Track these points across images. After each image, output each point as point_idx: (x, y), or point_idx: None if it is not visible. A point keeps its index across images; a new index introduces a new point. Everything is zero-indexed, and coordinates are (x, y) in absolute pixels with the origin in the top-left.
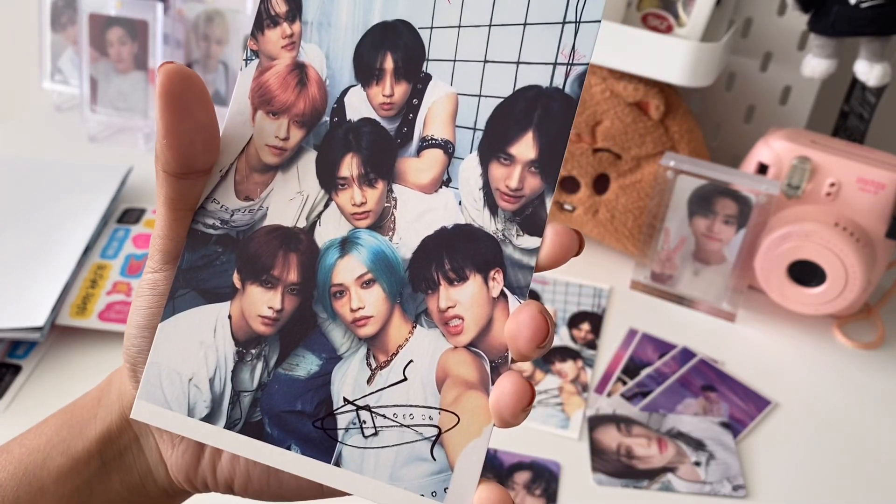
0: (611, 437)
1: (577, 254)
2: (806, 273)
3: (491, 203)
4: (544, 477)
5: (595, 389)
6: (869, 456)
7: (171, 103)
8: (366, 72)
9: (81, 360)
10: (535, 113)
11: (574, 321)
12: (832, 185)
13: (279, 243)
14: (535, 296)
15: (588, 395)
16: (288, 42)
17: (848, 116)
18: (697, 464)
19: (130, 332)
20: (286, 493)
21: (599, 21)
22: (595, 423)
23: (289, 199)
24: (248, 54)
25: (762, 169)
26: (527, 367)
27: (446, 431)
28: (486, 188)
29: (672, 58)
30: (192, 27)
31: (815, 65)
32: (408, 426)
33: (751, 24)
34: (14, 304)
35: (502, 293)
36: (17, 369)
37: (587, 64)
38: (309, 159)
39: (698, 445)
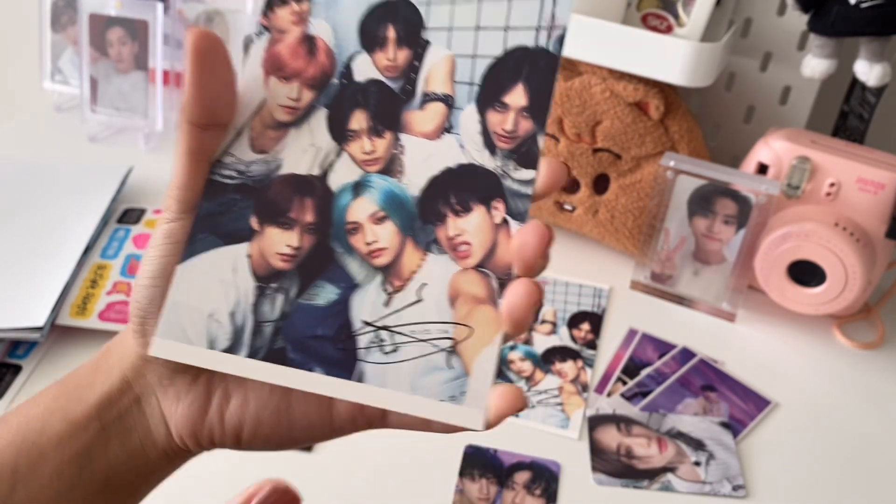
0: (611, 437)
1: (566, 183)
2: (806, 273)
3: (489, 144)
4: (544, 477)
5: (595, 389)
6: (869, 456)
7: (200, 60)
8: (370, 40)
9: (81, 360)
10: (524, 68)
11: (574, 321)
12: (832, 185)
13: (295, 188)
14: None
15: (588, 394)
16: (297, 18)
17: (848, 116)
18: (697, 464)
19: (142, 282)
20: (296, 432)
21: None
22: (595, 422)
23: (302, 152)
24: (259, 29)
25: (762, 169)
26: (527, 367)
27: (461, 342)
28: (485, 132)
29: (672, 58)
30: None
31: (815, 65)
32: (425, 340)
33: (751, 24)
34: (14, 304)
35: (504, 220)
36: (17, 369)
37: (565, 27)
38: (320, 117)
39: (698, 445)
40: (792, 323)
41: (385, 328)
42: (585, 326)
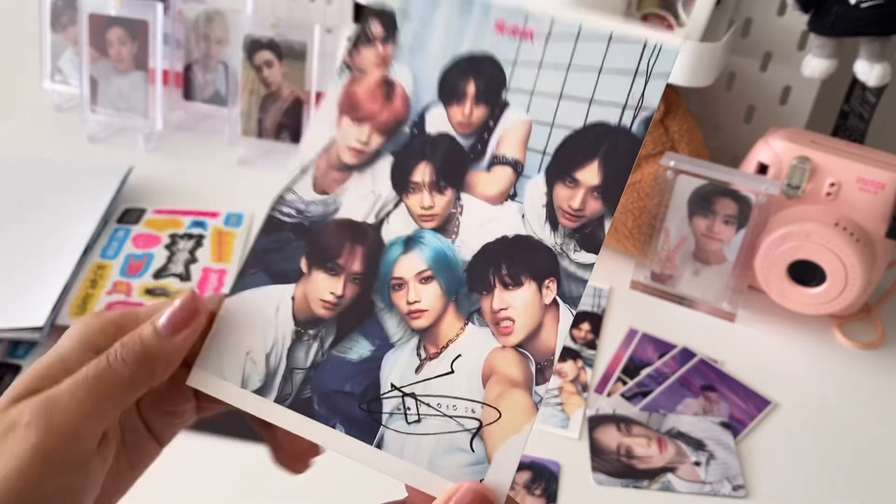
0: (611, 437)
1: None
2: (806, 273)
3: (553, 219)
4: (544, 477)
5: (595, 389)
6: (869, 456)
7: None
8: (449, 93)
9: None
10: (603, 146)
11: (574, 321)
12: (832, 185)
13: (348, 234)
14: None
15: (588, 394)
16: (380, 60)
17: (848, 116)
18: (697, 464)
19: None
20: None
21: (669, 74)
22: (595, 422)
23: (362, 197)
24: (342, 67)
25: (762, 169)
26: None
27: (487, 425)
28: (550, 206)
29: None
30: (192, 27)
31: (815, 65)
32: (450, 416)
33: (751, 24)
34: (14, 304)
35: (554, 301)
36: (17, 369)
37: (654, 110)
38: (385, 164)
39: (698, 445)
40: (792, 323)
41: (412, 396)
42: (585, 326)
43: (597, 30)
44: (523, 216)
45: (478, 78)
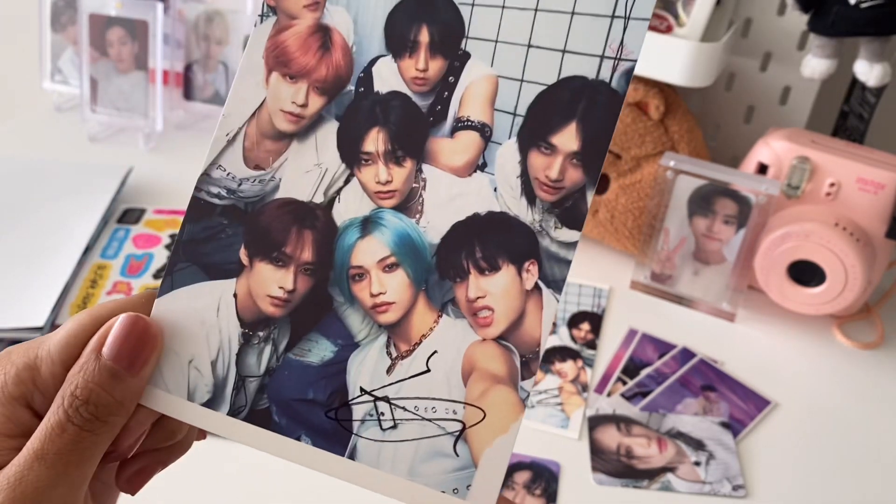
0: (611, 437)
1: None
2: (806, 273)
3: (529, 192)
4: (544, 477)
5: (595, 389)
6: (869, 456)
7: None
8: (398, 42)
9: None
10: (580, 104)
11: (574, 321)
12: (832, 185)
13: (293, 218)
14: None
15: (588, 394)
16: (311, 2)
17: (848, 116)
18: (697, 464)
19: None
20: None
21: (648, 19)
22: (595, 422)
23: (305, 171)
24: (265, 10)
25: (762, 169)
26: None
27: (471, 427)
28: (525, 176)
29: (672, 58)
30: (192, 27)
31: (815, 65)
32: (429, 420)
33: (751, 24)
34: (14, 304)
35: (536, 286)
36: None
37: (635, 61)
38: (329, 130)
39: (698, 445)
40: (792, 323)
41: (385, 399)
42: (585, 326)
43: None
44: (495, 189)
45: (431, 23)
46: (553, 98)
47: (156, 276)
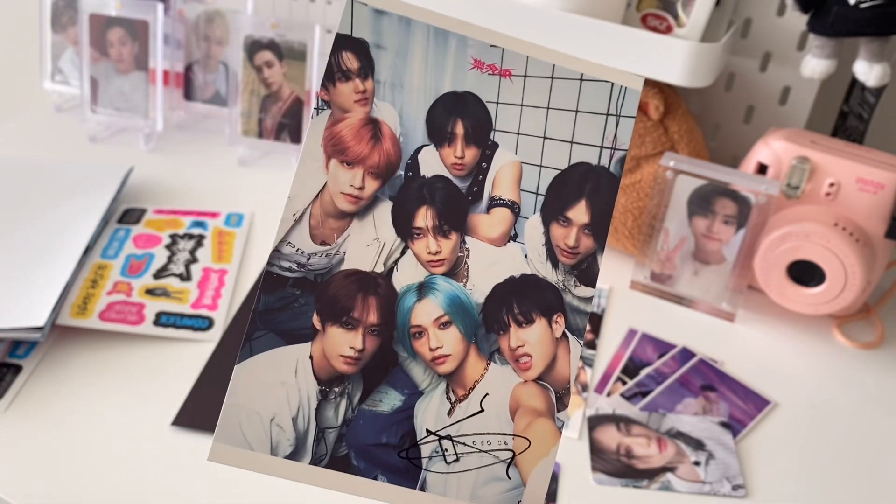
0: (610, 437)
1: None
2: (805, 273)
3: (552, 257)
4: None
5: (595, 389)
6: (869, 456)
7: None
8: (438, 134)
9: (82, 360)
10: (588, 185)
11: None
12: (831, 185)
13: (358, 286)
14: None
15: (588, 394)
16: (361, 97)
17: (847, 116)
18: (697, 463)
19: None
20: None
21: (634, 115)
22: (595, 422)
23: (366, 245)
24: (320, 104)
25: (762, 169)
26: None
27: (520, 454)
28: (548, 244)
29: (672, 58)
30: (193, 27)
31: (815, 65)
32: (486, 451)
33: (750, 25)
34: (14, 304)
35: (564, 334)
36: (17, 369)
37: (626, 150)
38: (384, 209)
39: (698, 445)
40: (792, 323)
41: (448, 437)
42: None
43: (569, 70)
44: (526, 256)
45: (465, 118)
46: (566, 180)
47: (156, 276)
